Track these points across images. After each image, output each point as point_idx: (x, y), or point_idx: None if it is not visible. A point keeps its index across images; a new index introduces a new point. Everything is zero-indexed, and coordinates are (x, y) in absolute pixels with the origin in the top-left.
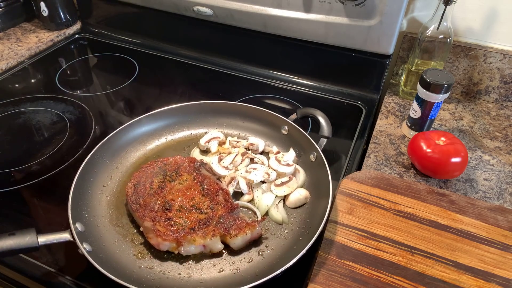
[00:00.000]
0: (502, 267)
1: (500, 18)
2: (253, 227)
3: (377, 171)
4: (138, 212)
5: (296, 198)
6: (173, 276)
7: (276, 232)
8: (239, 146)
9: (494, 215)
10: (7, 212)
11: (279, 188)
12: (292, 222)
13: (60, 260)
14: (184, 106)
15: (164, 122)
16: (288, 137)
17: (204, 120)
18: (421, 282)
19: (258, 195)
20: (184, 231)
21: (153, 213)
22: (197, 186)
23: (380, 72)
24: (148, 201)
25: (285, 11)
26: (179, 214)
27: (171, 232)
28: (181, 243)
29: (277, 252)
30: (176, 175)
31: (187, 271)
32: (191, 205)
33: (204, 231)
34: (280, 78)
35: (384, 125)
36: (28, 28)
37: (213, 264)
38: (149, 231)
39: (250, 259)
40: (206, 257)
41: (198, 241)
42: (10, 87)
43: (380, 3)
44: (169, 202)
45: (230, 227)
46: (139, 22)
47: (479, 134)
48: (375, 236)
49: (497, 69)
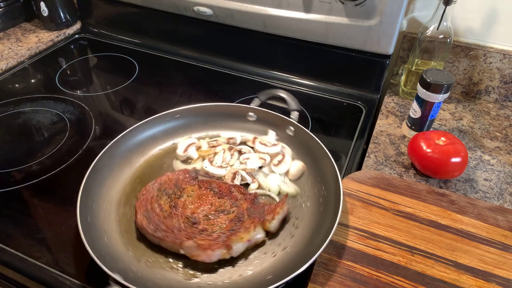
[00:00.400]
0: (502, 267)
1: (500, 18)
2: (283, 205)
3: (377, 171)
4: (168, 238)
5: (296, 170)
6: (237, 278)
7: (296, 204)
8: (220, 143)
9: (494, 215)
10: (7, 212)
11: (278, 166)
12: (304, 191)
13: (60, 260)
14: (141, 125)
15: (130, 145)
16: (258, 122)
17: (167, 132)
18: (421, 282)
19: (263, 180)
20: (226, 234)
21: (184, 232)
22: (208, 192)
23: (380, 72)
24: (171, 224)
25: (285, 11)
26: (210, 223)
27: (215, 241)
28: (230, 245)
29: (308, 220)
30: (179, 190)
31: (244, 269)
32: (214, 211)
33: (244, 226)
34: (280, 78)
35: (384, 125)
36: (28, 28)
37: (263, 252)
38: (193, 249)
39: (291, 235)
40: (253, 251)
41: (245, 237)
42: (10, 87)
43: (380, 3)
44: (193, 216)
45: (263, 214)
46: (139, 22)
47: (479, 134)
48: (375, 236)
49: (497, 69)
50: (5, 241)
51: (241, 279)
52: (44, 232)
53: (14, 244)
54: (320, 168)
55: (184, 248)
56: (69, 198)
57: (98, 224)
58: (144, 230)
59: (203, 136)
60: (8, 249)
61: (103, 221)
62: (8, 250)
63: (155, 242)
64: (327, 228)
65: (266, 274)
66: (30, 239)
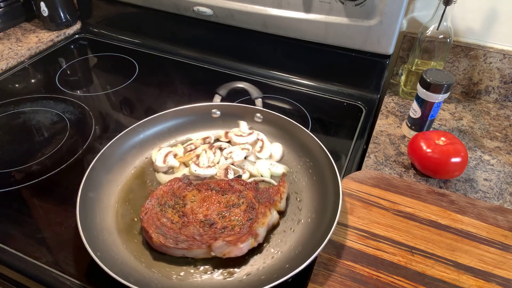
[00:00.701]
0: (502, 267)
1: (500, 18)
2: (284, 183)
3: (377, 171)
4: (194, 246)
5: (277, 151)
6: (270, 262)
7: (290, 181)
8: (198, 145)
9: (494, 215)
10: (7, 212)
11: (262, 152)
12: (291, 167)
13: (60, 260)
14: (114, 144)
15: (105, 173)
16: (224, 117)
17: (135, 148)
18: (421, 282)
19: (252, 168)
20: (247, 224)
21: (206, 235)
22: (210, 193)
23: (380, 72)
24: (189, 232)
25: (285, 11)
26: (226, 220)
27: (241, 233)
28: (255, 232)
29: (308, 192)
30: (181, 199)
31: (273, 251)
32: (225, 207)
33: (260, 212)
34: (280, 78)
35: (384, 125)
36: (28, 28)
37: (282, 231)
38: (224, 248)
39: (298, 208)
40: (271, 233)
41: (265, 221)
42: (10, 87)
43: (380, 3)
44: (207, 219)
45: (271, 196)
46: (139, 22)
47: (479, 134)
48: (375, 236)
49: (497, 69)
50: (5, 241)
51: (275, 260)
52: (44, 232)
53: (14, 244)
54: (298, 142)
55: (214, 250)
56: (69, 198)
57: (98, 223)
58: (164, 247)
59: (173, 143)
60: (8, 249)
61: (103, 221)
62: (8, 250)
63: (178, 255)
64: (332, 191)
65: (295, 248)
66: (30, 239)
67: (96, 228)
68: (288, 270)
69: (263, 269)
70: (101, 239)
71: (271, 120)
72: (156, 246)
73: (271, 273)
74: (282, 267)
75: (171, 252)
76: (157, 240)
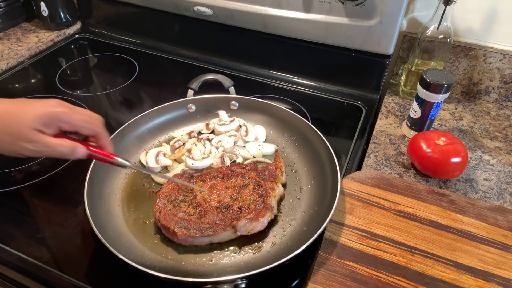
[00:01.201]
0: (502, 267)
1: (500, 18)
2: (279, 159)
3: (377, 171)
4: (219, 230)
5: (262, 133)
6: (290, 231)
7: (281, 154)
8: (185, 140)
9: (494, 215)
10: (7, 212)
11: (248, 136)
12: (278, 144)
13: (60, 260)
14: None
15: (101, 186)
16: (199, 110)
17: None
18: (421, 282)
19: (244, 152)
20: (260, 201)
21: (227, 218)
22: (216, 181)
23: (380, 72)
24: (209, 219)
25: (285, 11)
26: (240, 201)
27: (258, 209)
28: (271, 205)
29: (300, 162)
30: (190, 192)
31: (288, 220)
32: (234, 191)
33: (268, 187)
34: (280, 78)
35: (384, 125)
36: (28, 28)
37: (289, 201)
38: (248, 225)
39: (296, 178)
40: (280, 205)
41: (276, 194)
42: (10, 87)
43: (380, 3)
44: (221, 204)
45: (272, 172)
46: (139, 22)
47: (479, 134)
48: (375, 236)
49: (497, 69)
50: (5, 241)
51: (293, 227)
52: (44, 232)
53: (14, 244)
54: (277, 120)
55: (239, 228)
56: (69, 198)
57: (112, 232)
58: (191, 238)
59: (158, 143)
60: (8, 249)
61: (117, 229)
62: (8, 250)
63: (205, 242)
64: (323, 151)
65: (306, 212)
66: (30, 239)
67: (114, 238)
68: (307, 233)
69: (284, 237)
70: (123, 245)
71: (247, 104)
72: (181, 240)
73: (293, 238)
74: (301, 230)
75: (198, 241)
76: (182, 234)
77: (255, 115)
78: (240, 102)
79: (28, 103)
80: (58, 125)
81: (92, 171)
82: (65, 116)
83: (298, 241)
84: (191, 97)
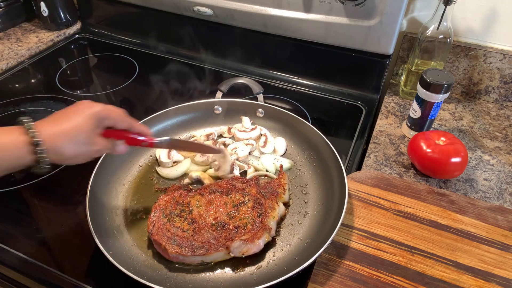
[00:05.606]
0: (502, 267)
1: (500, 18)
2: (283, 175)
3: (377, 171)
4: (211, 250)
5: (281, 146)
6: (280, 256)
7: (295, 174)
8: (202, 142)
9: (494, 215)
10: (7, 212)
11: (266, 147)
12: (295, 161)
13: (61, 260)
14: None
15: (111, 173)
16: (225, 113)
17: (139, 149)
18: (421, 282)
19: (257, 163)
20: (258, 220)
21: (221, 238)
22: (214, 196)
23: (380, 72)
24: (203, 237)
25: (285, 11)
26: (237, 219)
27: (255, 230)
28: (269, 226)
29: (313, 184)
30: (186, 206)
31: (283, 242)
32: (232, 207)
33: (268, 206)
34: (280, 78)
35: (384, 125)
36: (28, 28)
37: (290, 224)
38: (242, 247)
39: (305, 201)
40: (279, 226)
41: (275, 215)
42: (10, 87)
43: (380, 3)
44: (217, 221)
45: (274, 190)
46: (139, 22)
47: (479, 134)
48: (375, 236)
49: (497, 69)
50: (5, 241)
51: (285, 253)
52: (44, 232)
53: (14, 244)
54: (301, 136)
55: (233, 250)
56: (69, 198)
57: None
58: (181, 256)
59: None
60: (8, 249)
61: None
62: (8, 250)
63: (196, 262)
64: (338, 183)
65: (303, 240)
66: (30, 239)
67: (109, 234)
68: (297, 263)
69: (273, 262)
70: (116, 247)
71: (273, 114)
72: (172, 257)
73: (281, 266)
74: (292, 259)
75: (189, 260)
76: (173, 251)
77: (279, 126)
78: (267, 110)
79: (70, 114)
80: (103, 123)
81: (105, 158)
82: (105, 112)
83: (284, 270)
84: (219, 98)
